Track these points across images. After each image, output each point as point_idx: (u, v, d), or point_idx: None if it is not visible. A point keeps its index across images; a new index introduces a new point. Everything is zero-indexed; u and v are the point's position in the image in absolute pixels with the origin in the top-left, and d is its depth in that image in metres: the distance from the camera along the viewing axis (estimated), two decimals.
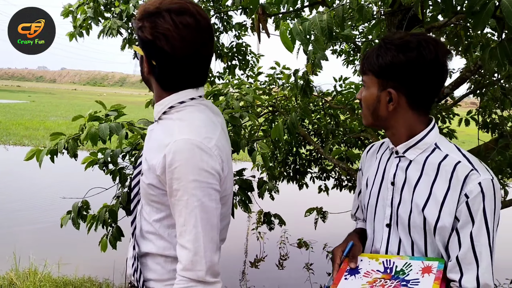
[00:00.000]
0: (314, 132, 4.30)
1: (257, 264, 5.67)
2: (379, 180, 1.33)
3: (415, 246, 1.22)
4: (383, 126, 1.29)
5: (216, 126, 1.27)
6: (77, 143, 2.60)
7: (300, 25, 1.67)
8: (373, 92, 1.23)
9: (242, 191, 2.49)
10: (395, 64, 1.17)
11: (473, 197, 1.11)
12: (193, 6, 1.20)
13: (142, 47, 1.24)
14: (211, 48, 1.28)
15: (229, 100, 2.75)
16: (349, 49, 5.57)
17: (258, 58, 4.97)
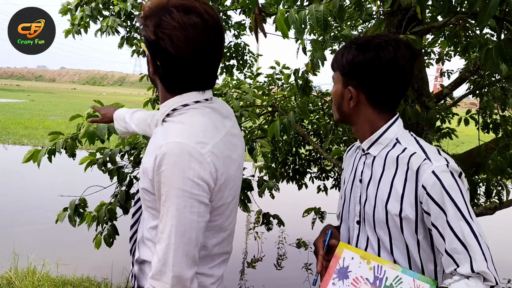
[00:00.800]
0: (313, 132, 4.30)
1: (254, 265, 5.67)
2: (352, 178, 1.35)
3: (381, 243, 1.22)
4: (348, 122, 1.32)
5: (219, 131, 1.20)
6: (76, 142, 2.60)
7: (296, 13, 1.68)
8: (338, 88, 1.28)
9: (241, 191, 2.49)
10: (355, 63, 1.22)
11: (431, 187, 1.11)
12: (201, 4, 1.13)
13: (147, 46, 1.18)
14: (220, 49, 1.20)
15: (229, 100, 2.74)
16: None
17: (256, 58, 4.96)
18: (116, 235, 2.78)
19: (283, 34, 1.78)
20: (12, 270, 4.35)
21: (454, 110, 4.20)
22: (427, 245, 1.17)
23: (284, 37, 1.82)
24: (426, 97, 2.80)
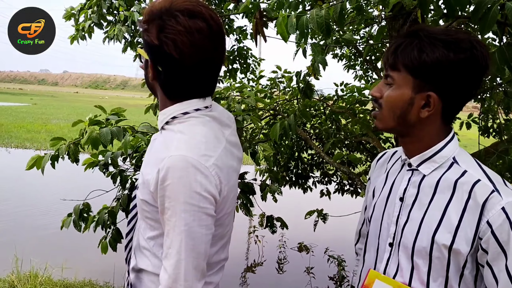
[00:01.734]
0: (315, 136, 4.31)
1: (254, 269, 5.65)
2: (387, 193, 1.19)
3: (415, 272, 1.07)
4: (405, 132, 1.11)
5: (220, 142, 1.17)
6: (78, 147, 2.60)
7: (295, 18, 1.69)
8: (405, 92, 1.04)
9: (244, 195, 2.49)
10: (443, 64, 0.98)
11: (498, 226, 0.96)
12: (206, 9, 1.10)
13: (148, 51, 1.14)
14: (222, 55, 1.17)
15: (231, 103, 2.75)
16: (350, 53, 5.58)
17: (259, 62, 4.98)
18: (121, 238, 2.79)
19: (283, 37, 1.79)
20: (14, 273, 4.36)
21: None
22: (471, 280, 1.04)
23: (285, 41, 1.84)
24: None
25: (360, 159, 3.81)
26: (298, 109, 2.59)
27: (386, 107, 1.08)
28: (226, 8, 3.95)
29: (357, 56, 5.40)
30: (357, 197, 4.58)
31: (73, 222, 2.73)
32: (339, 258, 5.73)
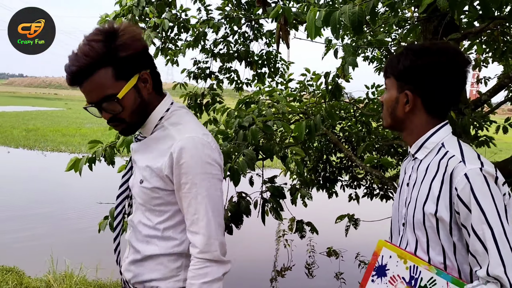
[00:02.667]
0: (344, 139, 4.26)
1: (283, 274, 5.63)
2: (401, 183, 1.42)
3: (418, 244, 1.26)
4: (400, 127, 1.36)
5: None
6: (114, 150, 2.67)
7: (330, 14, 1.67)
8: (392, 94, 1.32)
9: (274, 198, 2.49)
10: (413, 68, 1.26)
11: (461, 189, 1.14)
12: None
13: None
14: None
15: (261, 107, 2.76)
16: (381, 55, 5.49)
17: (288, 66, 4.97)
18: None
19: (310, 34, 1.78)
20: (51, 273, 4.49)
21: (492, 118, 4.08)
22: (462, 247, 1.19)
23: (312, 38, 1.81)
24: (463, 104, 2.73)
25: (392, 162, 3.75)
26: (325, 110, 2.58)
27: (384, 108, 1.37)
28: (256, 12, 3.97)
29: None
30: (388, 201, 4.50)
31: (108, 224, 2.80)
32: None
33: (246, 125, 2.44)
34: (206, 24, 3.97)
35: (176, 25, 3.94)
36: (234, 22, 3.94)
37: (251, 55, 4.59)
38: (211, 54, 4.51)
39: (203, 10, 4.29)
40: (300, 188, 2.84)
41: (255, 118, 2.42)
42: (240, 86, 4.87)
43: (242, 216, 2.48)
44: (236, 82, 4.85)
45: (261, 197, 2.60)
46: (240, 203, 2.49)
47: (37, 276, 4.67)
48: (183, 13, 4.05)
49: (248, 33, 4.56)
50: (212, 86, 4.66)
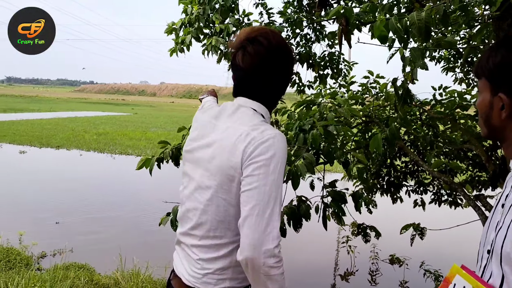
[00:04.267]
0: (410, 143, 4.10)
1: (347, 278, 5.52)
2: (497, 201, 1.14)
3: (504, 282, 0.98)
4: (498, 137, 1.12)
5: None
6: (180, 152, 2.78)
7: (397, 22, 1.60)
8: (485, 97, 1.09)
9: (335, 203, 2.45)
10: (505, 65, 1.03)
11: None
12: None
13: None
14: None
15: (322, 111, 2.72)
16: (448, 55, 5.24)
17: (351, 67, 4.88)
18: None
19: (381, 40, 1.72)
20: (119, 271, 4.71)
21: None
22: None
23: (382, 44, 1.77)
24: None
25: (461, 167, 3.55)
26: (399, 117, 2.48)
27: (479, 114, 1.14)
28: (317, 15, 3.93)
29: (457, 58, 5.05)
30: (456, 208, 4.28)
31: (170, 221, 2.88)
32: (435, 272, 5.39)
33: (307, 128, 2.41)
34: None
35: (239, 30, 3.99)
36: (296, 25, 3.92)
37: (313, 57, 4.55)
38: None
39: (265, 14, 4.32)
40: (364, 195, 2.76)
41: (316, 122, 2.39)
42: (302, 88, 4.84)
43: (301, 219, 2.45)
44: (298, 84, 4.83)
45: (322, 201, 2.56)
46: (300, 207, 2.47)
47: (107, 273, 4.92)
48: (245, 18, 4.10)
49: (310, 35, 4.53)
50: None
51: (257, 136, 1.29)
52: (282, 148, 1.30)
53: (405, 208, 4.74)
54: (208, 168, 1.36)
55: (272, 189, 1.25)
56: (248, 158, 1.27)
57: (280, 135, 1.32)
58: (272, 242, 1.23)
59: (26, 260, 5.34)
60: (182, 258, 1.48)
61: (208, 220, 1.37)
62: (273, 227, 1.24)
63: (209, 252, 1.38)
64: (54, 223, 7.28)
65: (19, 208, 8.10)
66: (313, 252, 6.30)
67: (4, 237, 5.97)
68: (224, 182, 1.32)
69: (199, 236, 1.40)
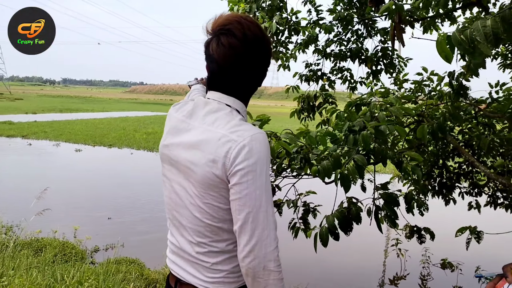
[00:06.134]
0: (464, 143, 3.93)
1: (396, 282, 5.38)
2: None
3: None
4: None
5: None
6: None
7: (460, 33, 1.49)
8: None
9: (388, 206, 2.38)
10: None
11: None
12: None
13: None
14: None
15: (372, 110, 2.65)
16: (506, 51, 4.98)
17: (405, 63, 4.72)
18: None
19: (446, 59, 1.61)
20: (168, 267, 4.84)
21: None
22: None
23: (449, 62, 1.66)
24: None
25: None
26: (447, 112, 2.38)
27: None
28: (369, 11, 3.85)
29: None
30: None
31: None
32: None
33: (357, 129, 2.36)
34: (317, 26, 3.94)
35: (286, 28, 3.97)
36: (346, 21, 3.85)
37: (364, 53, 4.46)
38: (323, 54, 4.48)
39: (314, 11, 4.27)
40: (416, 197, 2.67)
41: (367, 123, 2.34)
42: (354, 85, 4.75)
43: (352, 222, 2.40)
44: (349, 81, 4.75)
45: (374, 204, 2.50)
46: (351, 209, 2.43)
47: (156, 268, 5.06)
48: (293, 16, 4.07)
49: (361, 30, 4.44)
50: (324, 87, 4.63)
51: (237, 139, 1.23)
52: (264, 148, 1.25)
53: (457, 211, 4.56)
54: (191, 175, 1.31)
55: (262, 193, 1.22)
56: (233, 165, 1.22)
57: (260, 134, 1.26)
58: (270, 245, 1.21)
59: (81, 254, 5.59)
60: (181, 265, 1.43)
61: (201, 226, 1.33)
62: (270, 230, 1.22)
63: (211, 258, 1.34)
64: (107, 218, 7.58)
65: (74, 204, 8.49)
66: (361, 255, 6.19)
67: (60, 231, 6.28)
68: (211, 189, 1.27)
69: (195, 243, 1.36)
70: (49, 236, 6.09)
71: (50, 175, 11.28)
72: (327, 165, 2.23)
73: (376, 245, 6.69)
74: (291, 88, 4.57)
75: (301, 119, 4.49)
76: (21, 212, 6.93)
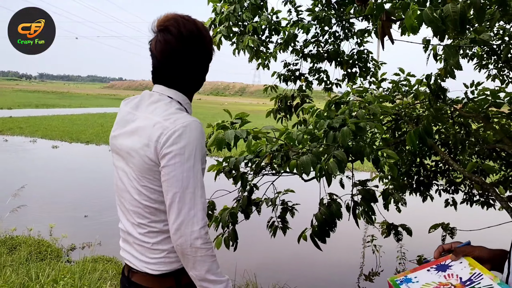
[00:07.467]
0: (441, 142, 4.01)
1: (372, 278, 5.45)
2: None
3: None
4: None
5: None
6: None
7: (432, 11, 1.56)
8: None
9: (366, 202, 2.41)
10: None
11: None
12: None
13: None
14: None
15: (351, 108, 2.68)
16: (481, 52, 5.08)
17: (379, 66, 4.80)
18: (236, 239, 2.89)
19: (413, 31, 1.68)
20: None
21: None
22: None
23: (414, 33, 1.72)
24: None
25: (494, 168, 3.44)
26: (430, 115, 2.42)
27: None
28: (347, 12, 3.88)
29: (490, 55, 4.88)
30: (489, 209, 4.16)
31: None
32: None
33: (337, 126, 2.39)
34: (296, 26, 3.96)
35: (267, 28, 3.98)
36: (324, 22, 3.88)
37: (341, 55, 4.50)
38: (301, 55, 4.50)
39: (294, 11, 4.29)
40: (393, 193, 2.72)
41: (347, 119, 2.36)
42: (329, 86, 4.80)
43: (335, 219, 2.42)
44: (325, 82, 4.79)
45: (352, 200, 2.53)
46: (331, 206, 2.45)
47: None
48: (274, 16, 4.08)
49: (338, 33, 4.48)
50: (302, 88, 4.65)
51: (169, 125, 1.32)
52: (196, 135, 1.33)
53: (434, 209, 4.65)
54: (131, 160, 1.40)
55: (189, 175, 1.31)
56: (162, 149, 1.31)
57: (194, 122, 1.35)
58: (197, 224, 1.30)
59: (56, 252, 5.50)
60: (129, 250, 1.50)
61: (140, 208, 1.41)
62: (197, 210, 1.31)
63: (151, 238, 1.42)
64: (83, 216, 7.46)
65: (50, 201, 8.34)
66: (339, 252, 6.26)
67: (36, 229, 6.16)
68: (146, 172, 1.36)
69: (137, 224, 1.44)
70: (24, 234, 5.97)
71: (28, 171, 11.06)
72: (306, 160, 2.25)
73: (354, 242, 6.77)
74: (269, 87, 4.58)
75: (277, 119, 4.51)
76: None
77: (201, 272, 1.31)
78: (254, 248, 5.93)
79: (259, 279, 4.93)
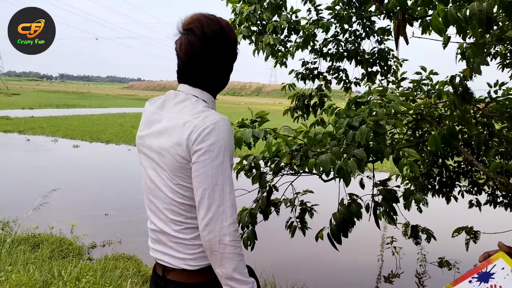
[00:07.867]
0: (463, 142, 3.93)
1: (391, 280, 5.39)
2: None
3: None
4: None
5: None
6: None
7: (457, 11, 1.53)
8: None
9: (387, 202, 2.38)
10: None
11: None
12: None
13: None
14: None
15: (372, 107, 2.65)
16: (505, 50, 4.97)
17: (400, 64, 4.73)
18: (255, 239, 2.89)
19: (439, 33, 1.65)
20: None
21: None
22: None
23: (440, 35, 1.69)
24: None
25: None
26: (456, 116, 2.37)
27: None
28: (368, 9, 3.84)
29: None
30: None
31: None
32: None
33: (356, 125, 2.36)
34: (315, 24, 3.93)
35: (286, 27, 3.96)
36: (344, 21, 3.84)
37: (361, 54, 4.45)
38: (320, 54, 4.47)
39: (313, 10, 4.25)
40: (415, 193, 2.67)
41: (365, 117, 2.34)
42: (348, 86, 4.75)
43: (353, 219, 2.40)
44: (344, 81, 4.74)
45: (373, 200, 2.50)
46: (351, 206, 2.42)
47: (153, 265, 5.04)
48: (293, 15, 4.06)
49: (359, 31, 4.43)
50: (320, 87, 4.62)
51: (199, 123, 1.34)
52: (225, 132, 1.35)
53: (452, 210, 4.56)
54: (162, 160, 1.42)
55: (219, 172, 1.32)
56: (193, 146, 1.33)
57: (222, 120, 1.37)
58: (226, 220, 1.31)
59: (78, 250, 5.58)
60: (164, 250, 1.50)
61: (175, 206, 1.42)
62: (226, 207, 1.32)
63: (188, 234, 1.43)
64: (104, 214, 7.57)
65: (71, 199, 8.47)
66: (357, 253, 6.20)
67: (57, 227, 6.27)
68: (178, 170, 1.38)
69: (172, 222, 1.45)
70: (46, 232, 6.08)
71: (50, 170, 11.26)
72: (325, 158, 2.23)
73: (373, 243, 6.70)
74: (287, 86, 4.55)
75: (294, 117, 4.48)
76: (20, 208, 6.92)
77: (228, 270, 1.31)
78: (272, 248, 5.92)
79: (277, 279, 4.92)
